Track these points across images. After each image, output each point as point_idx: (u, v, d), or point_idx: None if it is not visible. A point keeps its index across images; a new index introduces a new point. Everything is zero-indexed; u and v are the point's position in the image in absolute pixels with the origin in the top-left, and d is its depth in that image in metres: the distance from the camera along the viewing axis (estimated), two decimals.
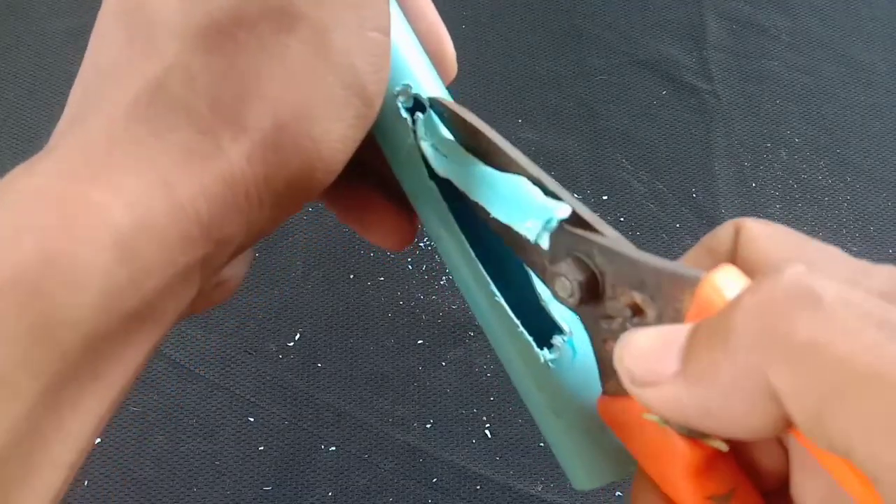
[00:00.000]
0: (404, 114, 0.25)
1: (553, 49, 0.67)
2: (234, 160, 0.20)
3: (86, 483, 0.47)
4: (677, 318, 0.19)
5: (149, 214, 0.19)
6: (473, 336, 0.53)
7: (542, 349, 0.25)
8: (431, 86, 0.26)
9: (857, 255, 0.65)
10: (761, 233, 0.20)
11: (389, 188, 0.28)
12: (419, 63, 0.26)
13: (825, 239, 0.68)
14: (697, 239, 0.22)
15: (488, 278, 0.25)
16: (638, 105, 0.64)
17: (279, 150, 0.21)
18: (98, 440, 0.49)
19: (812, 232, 0.60)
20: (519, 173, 0.23)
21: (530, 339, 0.25)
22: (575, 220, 0.23)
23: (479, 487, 0.48)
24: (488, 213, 0.24)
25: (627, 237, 0.62)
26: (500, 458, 0.49)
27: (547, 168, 0.24)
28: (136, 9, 0.21)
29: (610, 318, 0.22)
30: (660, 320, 0.20)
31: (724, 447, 0.20)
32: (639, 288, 0.20)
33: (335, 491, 0.48)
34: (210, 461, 0.48)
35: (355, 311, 0.53)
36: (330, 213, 0.57)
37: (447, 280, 0.54)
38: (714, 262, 0.19)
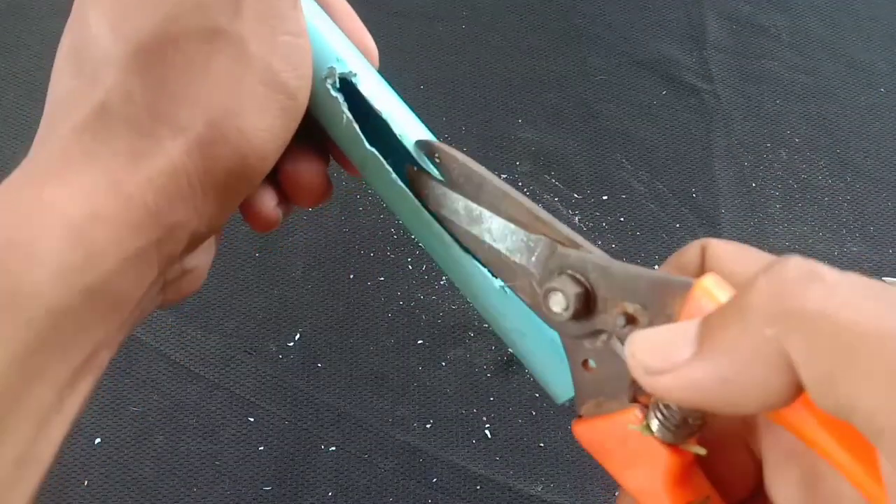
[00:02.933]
0: (334, 93, 0.28)
1: (553, 49, 0.67)
2: (175, 155, 0.24)
3: (86, 483, 0.47)
4: (669, 322, 0.21)
5: (98, 205, 0.22)
6: (473, 336, 0.53)
7: (496, 278, 0.28)
8: (358, 66, 0.28)
9: (857, 255, 0.65)
10: (725, 250, 0.22)
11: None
12: (344, 49, 0.28)
13: (825, 239, 0.68)
14: (697, 239, 0.23)
15: (439, 225, 0.28)
16: (638, 105, 0.64)
17: (213, 144, 0.24)
18: (98, 440, 0.49)
19: (812, 232, 0.60)
20: (510, 206, 0.26)
21: (485, 270, 0.28)
22: (567, 242, 0.24)
23: (479, 487, 0.48)
24: (480, 242, 0.27)
25: (627, 237, 0.62)
26: (500, 458, 0.49)
27: (547, 168, 0.25)
28: (81, 46, 0.25)
29: (593, 335, 0.23)
30: (652, 326, 0.21)
31: (702, 451, 0.21)
32: (631, 298, 0.22)
33: (335, 491, 0.48)
34: (210, 461, 0.48)
35: (355, 311, 0.53)
36: (330, 213, 0.57)
37: (447, 280, 0.54)
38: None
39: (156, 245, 0.24)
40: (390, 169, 0.28)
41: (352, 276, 0.55)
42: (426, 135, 0.29)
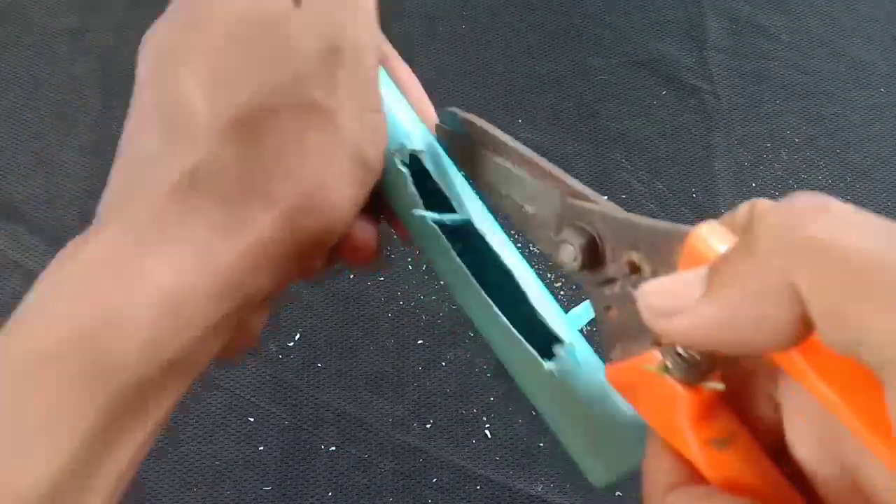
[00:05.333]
0: (401, 167, 0.29)
1: (553, 49, 0.67)
2: (265, 228, 0.24)
3: None
4: (671, 272, 0.21)
5: (189, 277, 0.23)
6: (473, 336, 0.53)
7: (545, 360, 0.27)
8: (422, 142, 0.29)
9: None
10: (769, 207, 0.22)
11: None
12: (411, 124, 0.30)
13: None
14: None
15: (490, 301, 0.28)
16: (638, 105, 0.64)
17: (304, 216, 0.25)
18: None
19: None
20: (524, 161, 0.27)
21: (534, 351, 0.27)
22: (574, 192, 0.25)
23: (479, 487, 0.48)
24: (501, 195, 0.27)
25: None
26: (500, 458, 0.49)
27: None
28: (169, 107, 0.24)
29: (611, 282, 0.24)
30: (655, 276, 0.22)
31: (720, 386, 0.21)
32: (635, 247, 0.22)
33: (335, 491, 0.48)
34: (210, 461, 0.48)
35: (355, 311, 0.53)
36: None
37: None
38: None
39: (235, 312, 0.24)
40: (449, 246, 0.29)
41: (352, 276, 0.55)
42: (485, 214, 0.30)
